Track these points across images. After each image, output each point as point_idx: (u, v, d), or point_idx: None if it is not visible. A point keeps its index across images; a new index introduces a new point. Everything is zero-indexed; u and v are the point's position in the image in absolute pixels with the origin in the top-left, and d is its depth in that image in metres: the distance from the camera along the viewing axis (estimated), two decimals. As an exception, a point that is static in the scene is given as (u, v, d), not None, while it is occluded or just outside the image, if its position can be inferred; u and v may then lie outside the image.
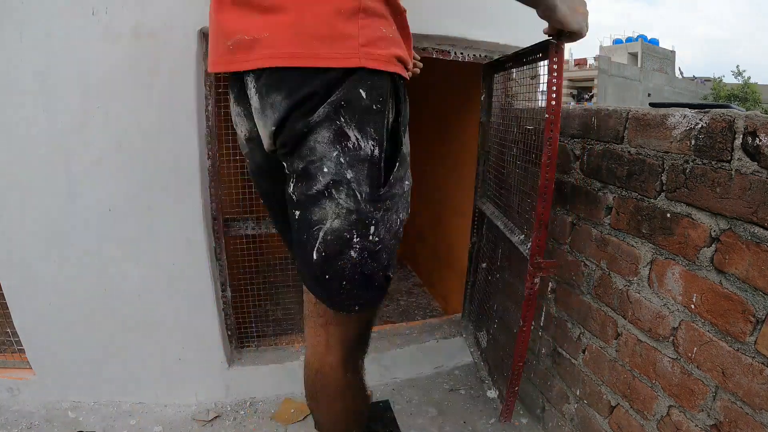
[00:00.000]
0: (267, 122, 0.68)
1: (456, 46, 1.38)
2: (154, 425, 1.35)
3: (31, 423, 1.34)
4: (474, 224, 1.60)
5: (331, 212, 0.68)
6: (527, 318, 1.08)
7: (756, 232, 0.70)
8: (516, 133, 1.24)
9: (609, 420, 1.07)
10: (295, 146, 0.68)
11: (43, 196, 1.20)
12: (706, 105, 0.84)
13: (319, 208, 0.69)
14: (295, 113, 0.66)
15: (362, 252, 0.71)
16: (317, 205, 0.69)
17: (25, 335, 1.35)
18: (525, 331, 1.09)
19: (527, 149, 1.13)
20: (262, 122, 0.70)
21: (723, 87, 26.99)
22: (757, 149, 0.69)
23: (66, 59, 1.11)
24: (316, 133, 0.66)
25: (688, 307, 0.84)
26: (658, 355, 0.91)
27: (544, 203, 0.99)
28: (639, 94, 24.02)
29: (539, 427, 1.36)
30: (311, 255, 0.71)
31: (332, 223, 0.69)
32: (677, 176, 0.85)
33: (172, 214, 1.26)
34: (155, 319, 1.34)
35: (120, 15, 1.10)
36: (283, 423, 1.38)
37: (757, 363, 0.71)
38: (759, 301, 0.70)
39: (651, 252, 0.92)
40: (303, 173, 0.68)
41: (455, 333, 1.69)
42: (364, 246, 0.71)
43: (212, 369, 1.44)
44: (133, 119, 1.17)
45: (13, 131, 1.15)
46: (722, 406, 0.77)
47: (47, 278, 1.28)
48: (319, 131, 0.66)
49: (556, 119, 0.95)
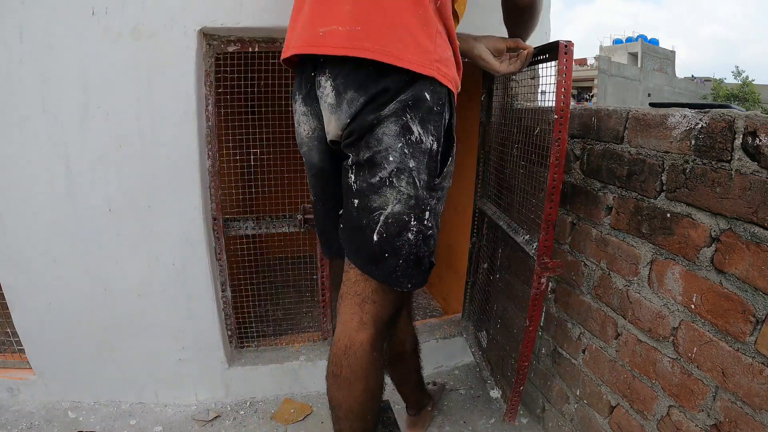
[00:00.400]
0: (342, 116, 0.78)
1: (456, 46, 1.37)
2: (154, 425, 1.35)
3: (31, 423, 1.34)
4: (474, 224, 1.60)
5: (392, 198, 0.78)
6: (534, 318, 1.08)
7: (756, 232, 0.70)
8: (518, 133, 1.24)
9: (609, 420, 1.07)
10: (361, 136, 0.77)
11: (43, 196, 1.20)
12: (706, 105, 0.84)
13: (379, 196, 0.78)
14: (369, 106, 0.75)
15: (418, 235, 0.81)
16: (377, 193, 0.78)
17: (25, 335, 1.35)
18: (531, 331, 1.09)
19: (531, 149, 1.13)
20: (336, 116, 0.79)
21: (722, 87, 27.00)
22: (757, 149, 0.69)
23: (66, 59, 1.11)
24: (384, 126, 0.76)
25: (688, 307, 0.84)
26: (658, 355, 0.91)
27: (551, 204, 0.99)
28: (639, 94, 24.03)
29: (539, 427, 1.36)
30: (371, 237, 0.80)
31: (393, 208, 0.78)
32: (677, 176, 0.85)
33: (172, 213, 1.26)
34: (155, 319, 1.34)
35: (120, 15, 1.10)
36: (283, 423, 1.38)
37: (757, 363, 0.71)
38: (759, 301, 0.70)
39: (651, 252, 0.92)
40: (368, 162, 0.78)
41: (455, 333, 1.69)
42: (419, 229, 0.81)
43: (212, 369, 1.44)
44: (133, 119, 1.17)
45: (13, 131, 1.15)
46: (722, 406, 0.77)
47: (47, 278, 1.28)
48: (387, 124, 0.76)
49: (565, 120, 0.95)
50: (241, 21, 1.15)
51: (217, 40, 1.20)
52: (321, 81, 0.79)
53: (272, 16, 1.16)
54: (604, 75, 22.83)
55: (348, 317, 0.88)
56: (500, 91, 1.42)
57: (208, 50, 1.20)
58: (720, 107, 0.79)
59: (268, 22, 1.16)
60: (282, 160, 1.52)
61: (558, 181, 0.99)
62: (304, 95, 0.84)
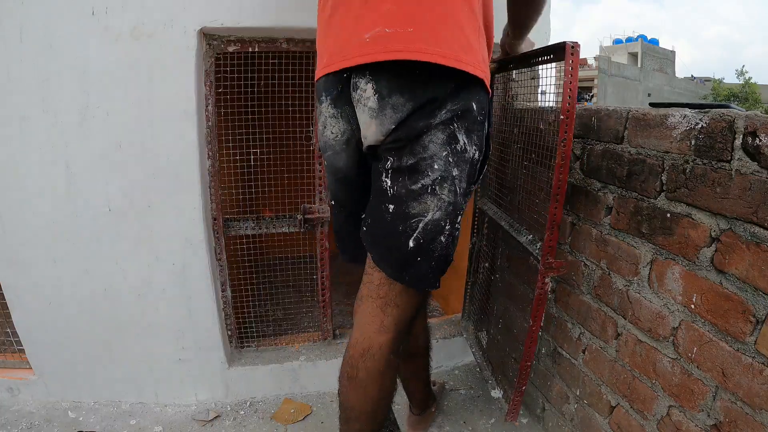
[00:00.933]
0: (385, 121, 0.75)
1: (456, 46, 1.37)
2: (154, 425, 1.35)
3: (31, 423, 1.34)
4: (474, 224, 1.60)
5: (433, 206, 0.78)
6: (537, 318, 1.08)
7: (756, 232, 0.70)
8: (519, 133, 1.24)
9: (609, 420, 1.07)
10: (408, 142, 0.75)
11: (43, 196, 1.20)
12: (706, 105, 0.83)
13: (419, 203, 0.77)
14: (417, 114, 0.73)
15: (449, 237, 0.82)
16: (417, 200, 0.77)
17: (25, 335, 1.35)
18: (534, 331, 1.09)
19: (534, 149, 1.13)
20: (378, 121, 0.75)
21: (722, 87, 27.00)
22: (757, 149, 0.69)
23: (66, 59, 1.11)
24: (432, 134, 0.75)
25: (688, 307, 0.84)
26: (658, 355, 0.91)
27: (556, 204, 1.00)
28: (639, 94, 24.02)
29: (539, 427, 1.36)
30: (406, 244, 0.79)
31: (434, 215, 0.78)
32: (677, 176, 0.84)
33: (172, 213, 1.26)
34: (155, 319, 1.34)
35: (120, 15, 1.10)
36: (283, 423, 1.38)
37: (757, 363, 0.71)
38: (759, 301, 0.70)
39: (651, 252, 0.92)
40: (410, 168, 0.76)
41: (455, 333, 1.69)
42: (451, 232, 0.82)
43: (212, 369, 1.44)
44: (133, 119, 1.17)
45: (13, 131, 1.15)
46: (722, 406, 0.77)
47: (47, 278, 1.28)
48: (435, 133, 0.75)
49: (571, 121, 0.95)
50: (241, 21, 1.15)
51: (217, 40, 1.20)
52: (359, 83, 0.75)
53: (272, 16, 1.16)
54: (604, 75, 22.83)
55: (368, 320, 0.87)
56: (500, 91, 1.42)
57: (208, 50, 1.20)
58: (720, 107, 0.79)
59: (268, 22, 1.16)
60: (282, 160, 1.52)
61: (563, 182, 0.99)
62: (335, 97, 0.80)
